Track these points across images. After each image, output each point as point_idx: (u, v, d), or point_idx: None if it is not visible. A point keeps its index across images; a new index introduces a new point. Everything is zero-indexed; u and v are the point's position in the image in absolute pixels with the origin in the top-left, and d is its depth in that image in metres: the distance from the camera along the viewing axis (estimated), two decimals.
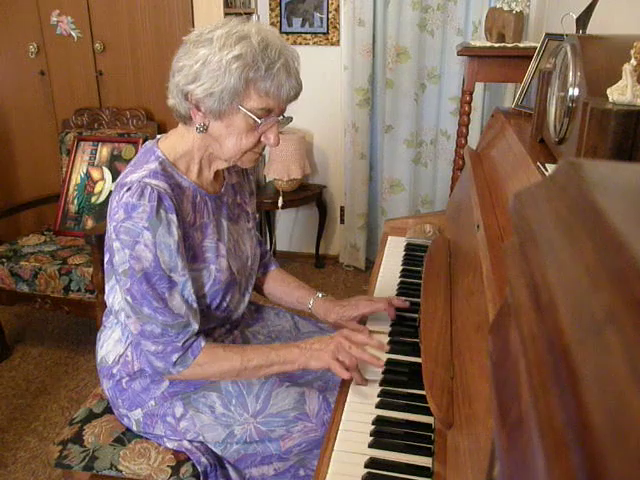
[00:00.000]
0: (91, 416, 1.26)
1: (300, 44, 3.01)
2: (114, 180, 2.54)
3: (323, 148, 3.21)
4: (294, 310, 1.43)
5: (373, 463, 0.90)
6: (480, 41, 2.23)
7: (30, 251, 2.35)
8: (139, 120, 2.70)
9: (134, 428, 1.20)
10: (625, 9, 1.43)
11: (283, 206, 2.96)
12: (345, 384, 1.10)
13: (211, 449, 1.16)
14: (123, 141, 2.60)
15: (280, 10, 3.00)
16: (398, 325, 1.29)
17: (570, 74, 0.90)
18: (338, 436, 0.97)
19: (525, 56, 1.78)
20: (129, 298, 1.04)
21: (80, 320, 2.74)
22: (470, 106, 2.16)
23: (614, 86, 0.79)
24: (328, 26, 2.97)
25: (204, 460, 1.13)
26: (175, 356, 1.07)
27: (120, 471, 1.15)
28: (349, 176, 3.10)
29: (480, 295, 0.90)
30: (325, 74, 3.02)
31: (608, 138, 0.77)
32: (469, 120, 2.20)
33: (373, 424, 0.99)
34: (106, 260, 1.15)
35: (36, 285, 2.23)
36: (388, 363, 1.14)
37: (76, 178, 2.60)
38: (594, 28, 1.24)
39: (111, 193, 1.08)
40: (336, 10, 2.93)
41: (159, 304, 1.03)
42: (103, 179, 2.57)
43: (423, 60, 2.90)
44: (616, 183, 0.35)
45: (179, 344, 1.06)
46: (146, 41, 2.69)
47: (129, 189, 1.00)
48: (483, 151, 1.52)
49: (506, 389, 0.33)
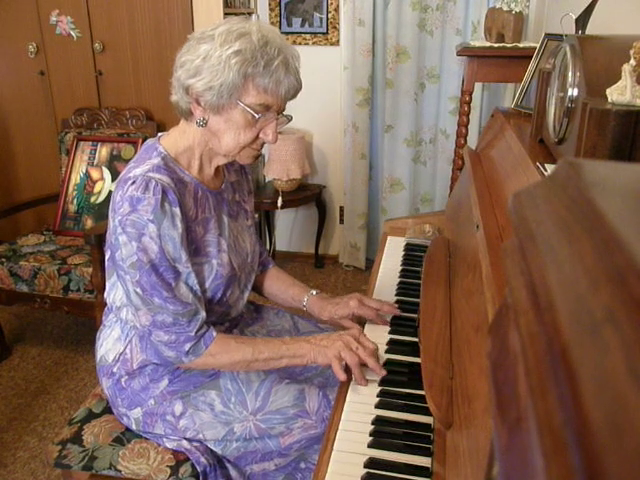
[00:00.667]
0: (90, 416, 1.26)
1: (300, 44, 3.01)
2: (113, 180, 2.54)
3: (322, 148, 3.21)
4: (291, 308, 1.43)
5: (372, 463, 0.90)
6: (479, 41, 2.23)
7: (29, 251, 2.35)
8: (138, 120, 2.70)
9: (133, 427, 1.20)
10: (624, 9, 1.43)
11: (282, 206, 2.96)
12: (345, 383, 1.10)
13: (210, 449, 1.16)
14: (122, 141, 2.60)
15: (280, 10, 3.00)
16: (397, 325, 1.29)
17: (569, 74, 0.90)
18: (337, 436, 0.97)
19: (524, 56, 1.78)
20: (139, 290, 1.05)
21: (79, 320, 2.73)
22: (469, 106, 2.16)
23: (613, 86, 0.79)
24: (328, 26, 2.97)
25: (203, 460, 1.13)
26: (188, 345, 1.08)
27: (119, 471, 1.15)
28: (349, 176, 3.10)
29: (479, 295, 0.90)
30: (324, 74, 3.02)
31: (607, 138, 0.77)
32: (468, 120, 2.20)
33: (372, 424, 0.99)
34: (107, 257, 1.16)
35: (35, 285, 2.23)
36: (387, 363, 1.15)
37: (75, 178, 2.60)
38: (593, 28, 1.24)
39: (111, 193, 1.08)
40: (335, 10, 2.93)
41: (169, 294, 1.05)
42: (102, 179, 2.57)
43: (423, 60, 2.90)
44: (615, 183, 0.35)
45: (192, 333, 1.08)
46: (146, 41, 2.69)
47: (134, 182, 1.02)
48: (483, 151, 1.52)
49: (505, 389, 0.33)
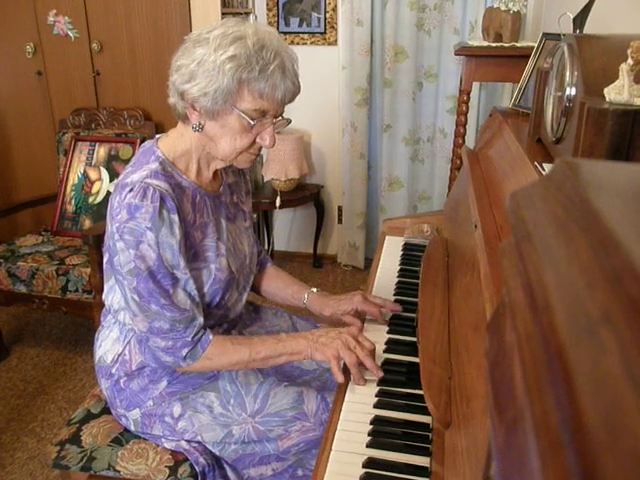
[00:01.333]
0: (89, 417, 1.26)
1: (297, 44, 3.01)
2: (112, 180, 2.53)
3: (321, 148, 3.21)
4: (290, 307, 1.43)
5: (371, 463, 0.90)
6: (477, 41, 2.23)
7: (27, 251, 2.35)
8: (136, 120, 2.70)
9: (132, 428, 1.19)
10: (622, 9, 1.43)
11: (281, 206, 2.96)
12: (343, 383, 1.10)
13: (209, 449, 1.16)
14: (120, 141, 2.59)
15: (277, 10, 3.00)
16: (396, 325, 1.29)
17: (567, 74, 0.90)
18: (336, 436, 0.97)
19: (522, 56, 1.78)
20: (136, 297, 1.05)
21: (78, 320, 2.73)
22: (467, 106, 2.16)
23: (611, 86, 0.79)
24: (325, 26, 2.97)
25: (202, 460, 1.13)
26: (185, 350, 1.08)
27: (118, 471, 1.15)
28: (348, 175, 3.10)
29: (478, 295, 0.90)
30: (322, 74, 3.02)
31: (605, 138, 0.77)
32: (466, 120, 2.20)
33: (371, 424, 0.99)
34: (105, 260, 1.15)
35: (34, 285, 2.23)
36: (386, 363, 1.15)
37: (73, 178, 2.59)
38: (591, 28, 1.24)
39: (109, 193, 1.08)
40: (333, 10, 2.93)
41: (166, 301, 1.05)
42: (100, 179, 2.56)
43: (420, 59, 2.91)
44: (612, 183, 0.35)
45: (188, 339, 1.08)
46: (143, 41, 2.69)
47: (131, 190, 1.01)
48: (481, 150, 1.52)
49: (502, 389, 0.33)
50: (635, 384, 0.20)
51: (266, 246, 3.41)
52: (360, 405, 1.04)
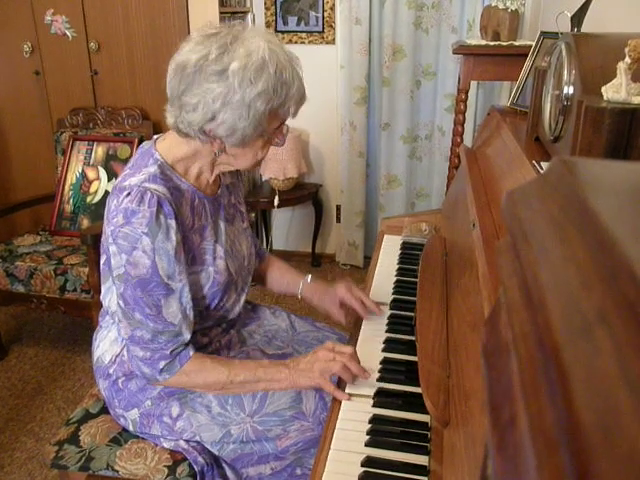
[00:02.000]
0: (87, 416, 1.26)
1: (295, 43, 3.00)
2: (110, 180, 2.53)
3: (319, 147, 3.21)
4: (285, 295, 1.48)
5: (369, 462, 0.90)
6: (475, 39, 2.23)
7: (25, 251, 2.34)
8: (134, 120, 2.69)
9: (130, 428, 1.19)
10: (619, 7, 1.43)
11: (279, 205, 2.96)
12: (342, 384, 1.10)
13: (208, 449, 1.16)
14: (119, 141, 2.59)
15: (275, 9, 2.99)
16: (394, 324, 1.29)
17: (565, 72, 0.90)
18: (334, 435, 0.97)
19: (520, 54, 1.78)
20: (121, 303, 1.04)
21: (76, 320, 2.73)
22: (466, 104, 2.16)
23: (609, 84, 0.79)
24: (324, 25, 2.97)
25: (201, 460, 1.13)
26: (162, 363, 1.07)
27: (116, 471, 1.15)
28: (346, 174, 3.10)
29: (476, 294, 0.90)
30: (321, 73, 3.02)
31: (603, 136, 0.77)
32: (464, 118, 2.20)
33: (369, 423, 0.99)
34: (103, 261, 1.15)
35: (32, 285, 2.23)
36: (384, 362, 1.15)
37: (71, 178, 2.59)
38: (589, 26, 1.24)
39: (107, 193, 1.08)
40: (331, 9, 2.93)
41: (151, 311, 1.03)
42: (98, 179, 2.56)
43: (419, 58, 2.91)
44: (608, 182, 0.35)
45: (167, 352, 1.06)
46: (141, 40, 2.68)
47: (129, 194, 1.00)
48: (479, 149, 1.52)
49: (499, 389, 0.33)
50: (630, 384, 0.20)
51: (265, 245, 3.41)
52: (359, 404, 1.04)
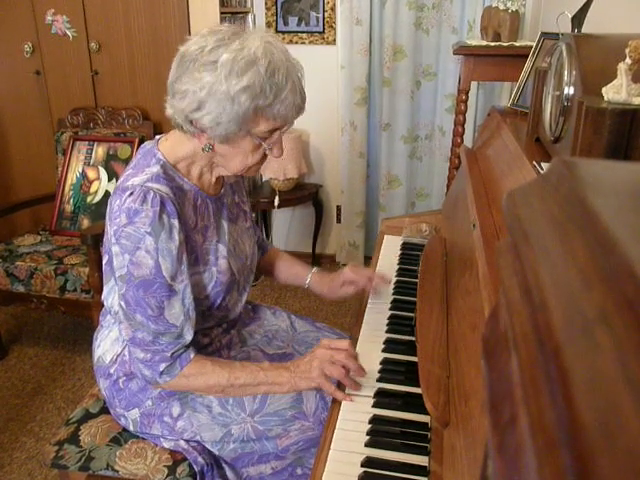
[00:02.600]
0: (87, 416, 1.26)
1: (296, 43, 3.01)
2: (110, 180, 2.53)
3: (319, 147, 3.21)
4: (292, 285, 1.49)
5: (369, 462, 0.90)
6: (476, 40, 2.23)
7: (26, 251, 2.34)
8: (135, 120, 2.69)
9: (131, 428, 1.19)
10: (620, 8, 1.43)
11: (279, 205, 2.96)
12: (342, 384, 1.10)
13: (208, 449, 1.16)
14: (119, 141, 2.59)
15: (276, 9, 2.99)
16: (394, 324, 1.29)
17: (565, 73, 0.90)
18: (334, 435, 0.97)
19: (521, 55, 1.78)
20: (123, 303, 1.04)
21: (76, 320, 2.73)
22: (466, 105, 2.16)
23: (609, 85, 0.79)
24: (324, 25, 2.97)
25: (201, 460, 1.13)
26: (163, 365, 1.06)
27: (116, 471, 1.15)
28: (346, 175, 3.10)
29: (476, 294, 0.90)
30: (321, 73, 3.02)
31: (603, 137, 0.77)
32: (465, 119, 2.20)
33: (369, 423, 0.99)
34: (105, 261, 1.14)
35: (32, 285, 2.23)
36: (384, 362, 1.15)
37: (72, 178, 2.59)
38: (589, 27, 1.24)
39: (107, 193, 1.07)
40: (332, 9, 2.93)
41: (153, 312, 1.03)
42: (99, 179, 2.56)
43: (419, 58, 2.91)
44: (609, 182, 0.35)
45: (168, 354, 1.06)
46: (142, 40, 2.68)
47: (131, 194, 0.99)
48: (479, 150, 1.52)
49: (499, 389, 0.33)
50: (630, 383, 0.20)
51: None
52: (359, 404, 1.04)
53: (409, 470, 0.89)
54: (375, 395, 1.06)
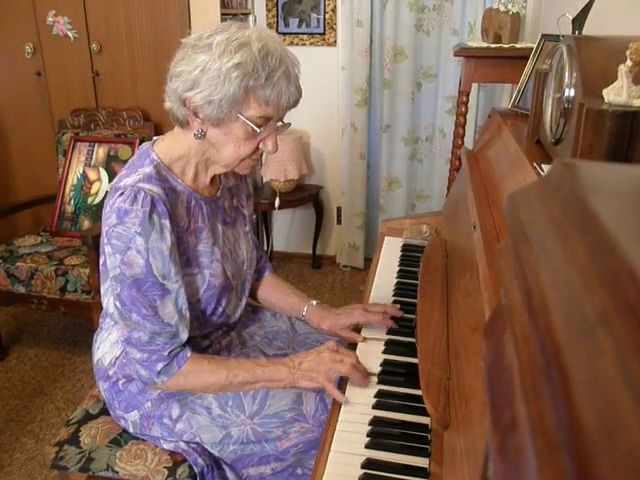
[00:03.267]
0: (87, 417, 1.26)
1: (297, 45, 3.01)
2: (110, 181, 2.53)
3: (320, 149, 3.21)
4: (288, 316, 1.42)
5: (369, 464, 0.90)
6: (476, 42, 2.23)
7: (26, 252, 2.34)
8: (136, 121, 2.69)
9: (130, 430, 1.19)
10: (621, 10, 1.43)
11: (280, 207, 2.96)
12: (342, 385, 1.10)
13: (208, 450, 1.16)
14: (120, 142, 2.59)
15: (277, 10, 3.00)
16: (394, 326, 1.29)
17: (566, 75, 0.90)
18: (335, 437, 0.97)
19: (521, 57, 1.78)
20: (118, 304, 1.04)
21: (76, 321, 2.73)
22: (467, 106, 2.16)
23: (610, 87, 0.79)
24: (325, 27, 2.97)
25: (201, 461, 1.13)
26: (160, 365, 1.06)
27: (116, 472, 1.15)
28: (347, 176, 3.11)
29: (476, 296, 0.90)
30: (322, 75, 3.02)
31: (604, 139, 0.77)
32: (465, 121, 2.20)
33: (370, 425, 0.99)
34: (101, 262, 1.14)
35: (32, 286, 2.23)
36: (385, 364, 1.15)
37: (72, 179, 2.59)
38: (590, 29, 1.24)
39: (107, 194, 1.07)
40: (333, 11, 2.93)
41: (148, 312, 1.03)
42: (99, 180, 2.56)
43: (420, 60, 2.92)
44: (609, 184, 0.35)
45: (165, 353, 1.06)
46: (143, 41, 2.69)
47: (122, 194, 1.00)
48: (480, 151, 1.52)
49: (500, 391, 0.33)
50: (631, 386, 0.20)
51: (265, 247, 3.41)
52: (359, 406, 1.04)
53: (409, 472, 0.89)
54: (375, 396, 1.06)
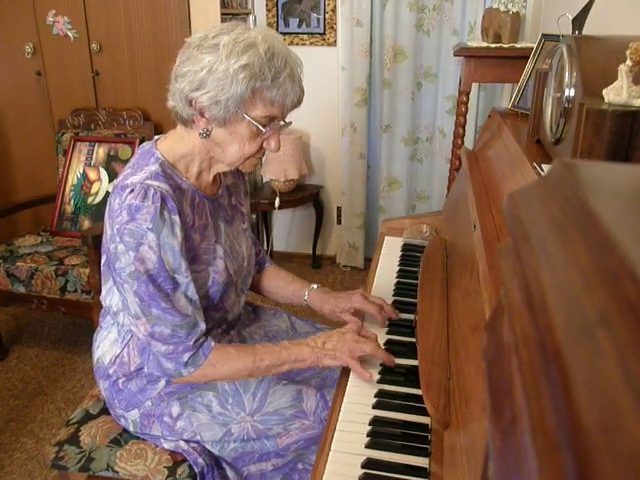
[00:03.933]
0: (87, 417, 1.26)
1: (297, 44, 3.01)
2: (111, 181, 2.53)
3: (320, 148, 3.21)
4: (291, 306, 1.43)
5: (370, 463, 0.90)
6: (476, 41, 2.23)
7: (26, 252, 2.34)
8: (136, 121, 2.69)
9: (131, 429, 1.19)
10: (621, 10, 1.43)
11: (280, 207, 2.96)
12: (342, 384, 1.10)
13: (208, 450, 1.16)
14: (120, 141, 2.59)
15: (277, 10, 3.00)
16: (395, 326, 1.29)
17: (566, 75, 0.90)
18: (335, 436, 0.97)
19: (521, 57, 1.78)
20: (137, 300, 1.04)
21: (77, 321, 2.73)
22: (467, 106, 2.16)
23: (610, 87, 0.79)
24: (325, 26, 2.97)
25: (201, 461, 1.13)
26: (186, 355, 1.07)
27: (116, 472, 1.15)
28: (347, 176, 3.11)
29: (477, 295, 0.90)
30: (322, 75, 3.02)
31: (604, 139, 0.77)
32: (466, 121, 2.20)
33: (370, 424, 0.99)
34: (103, 262, 1.15)
35: (32, 286, 2.23)
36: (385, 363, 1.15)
37: (72, 178, 2.59)
38: (590, 29, 1.24)
39: (108, 194, 1.07)
40: (333, 11, 2.93)
41: (167, 305, 1.04)
42: (99, 180, 2.56)
43: (420, 60, 2.92)
44: (609, 184, 0.35)
45: (190, 343, 1.07)
46: (143, 41, 2.69)
47: (132, 191, 1.00)
48: (480, 151, 1.52)
49: (500, 390, 0.33)
50: (631, 385, 0.20)
51: (265, 247, 3.41)
52: (359, 406, 1.04)
53: (409, 471, 0.89)
54: (375, 396, 1.06)
